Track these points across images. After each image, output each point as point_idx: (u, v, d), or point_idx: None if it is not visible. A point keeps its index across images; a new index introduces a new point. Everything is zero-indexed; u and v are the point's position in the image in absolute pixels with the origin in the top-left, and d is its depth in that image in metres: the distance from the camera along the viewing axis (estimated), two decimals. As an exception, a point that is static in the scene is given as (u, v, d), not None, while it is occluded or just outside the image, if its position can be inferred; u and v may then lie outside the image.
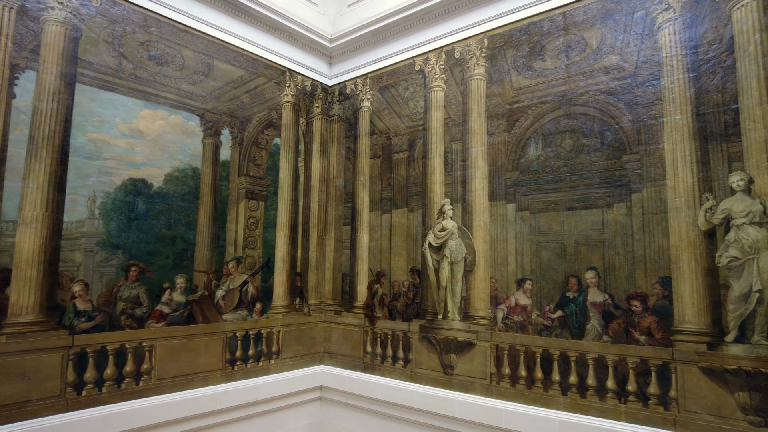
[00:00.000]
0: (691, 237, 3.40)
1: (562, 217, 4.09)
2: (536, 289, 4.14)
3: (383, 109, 5.54)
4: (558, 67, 4.20)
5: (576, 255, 3.97)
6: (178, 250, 4.44)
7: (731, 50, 3.35)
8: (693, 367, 3.29)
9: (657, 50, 3.66)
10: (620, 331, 3.65)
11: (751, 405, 3.06)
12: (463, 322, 4.50)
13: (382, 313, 5.20)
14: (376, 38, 5.47)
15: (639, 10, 3.76)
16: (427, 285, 4.83)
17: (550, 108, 4.23)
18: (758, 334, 3.09)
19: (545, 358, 3.98)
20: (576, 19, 4.08)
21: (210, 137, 4.80)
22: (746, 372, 3.08)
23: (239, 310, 4.88)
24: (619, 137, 3.85)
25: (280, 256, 5.36)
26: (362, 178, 5.62)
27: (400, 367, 4.91)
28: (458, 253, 4.60)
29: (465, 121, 4.73)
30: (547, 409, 3.87)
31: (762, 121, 3.17)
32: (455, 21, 4.81)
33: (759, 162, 3.17)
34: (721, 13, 3.41)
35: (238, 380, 4.72)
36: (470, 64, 4.71)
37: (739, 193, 3.22)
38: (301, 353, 5.41)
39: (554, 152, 4.19)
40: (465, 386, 4.38)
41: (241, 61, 5.08)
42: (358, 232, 5.56)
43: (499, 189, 4.45)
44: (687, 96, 3.51)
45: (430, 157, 4.96)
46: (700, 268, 3.35)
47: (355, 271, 5.53)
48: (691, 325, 3.34)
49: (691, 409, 3.27)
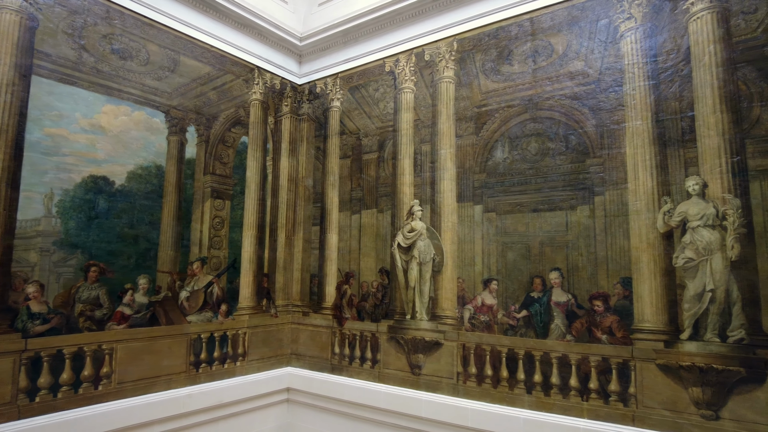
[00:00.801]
0: (651, 239, 3.52)
1: (527, 219, 4.16)
2: (502, 289, 4.19)
3: (353, 109, 5.52)
4: (525, 71, 4.27)
5: (540, 256, 4.04)
6: (140, 249, 4.30)
7: (688, 60, 3.48)
8: (651, 364, 3.41)
9: (620, 58, 3.78)
10: (583, 331, 3.74)
11: (703, 399, 3.19)
12: (431, 322, 4.52)
13: (350, 313, 5.17)
14: (346, 38, 5.44)
15: (603, 18, 3.87)
16: (395, 285, 4.83)
17: (517, 112, 4.30)
18: (710, 331, 3.22)
19: (511, 357, 4.03)
20: (543, 24, 4.17)
21: (175, 134, 4.67)
22: (699, 368, 3.21)
23: (204, 312, 4.76)
24: (583, 141, 3.94)
25: (246, 256, 5.26)
26: (332, 179, 5.58)
27: (368, 368, 4.90)
28: (427, 253, 4.62)
29: (434, 123, 4.76)
30: (512, 408, 3.93)
31: (715, 129, 3.31)
32: (425, 23, 4.84)
33: (712, 167, 3.30)
34: (678, 24, 3.55)
35: (203, 383, 4.61)
36: (440, 66, 4.74)
37: (694, 197, 3.35)
38: (267, 355, 5.32)
39: (520, 155, 4.25)
40: (432, 386, 4.41)
41: (208, 57, 4.97)
42: (327, 233, 5.52)
43: (467, 191, 4.49)
44: (647, 102, 3.63)
45: (400, 158, 4.96)
46: (659, 269, 3.47)
47: (323, 271, 5.48)
48: (650, 324, 3.45)
49: (649, 404, 3.38)
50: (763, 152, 3.20)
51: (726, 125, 3.28)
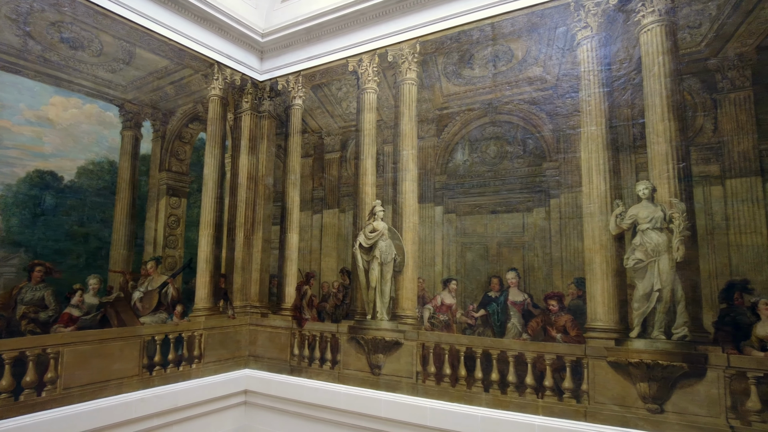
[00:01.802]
0: (603, 241, 3.62)
1: (486, 220, 4.21)
2: (461, 289, 4.22)
3: (316, 107, 5.44)
4: (486, 75, 4.32)
5: (498, 256, 4.10)
6: (91, 248, 4.09)
7: (639, 69, 3.61)
8: (602, 361, 3.51)
9: (576, 65, 3.88)
10: (538, 329, 3.81)
11: (649, 394, 3.32)
12: (392, 322, 4.51)
13: (310, 314, 5.09)
14: (309, 36, 5.36)
15: (561, 26, 3.96)
16: (356, 286, 4.79)
17: (477, 115, 4.34)
18: (657, 329, 3.35)
19: (469, 356, 4.07)
20: (504, 30, 4.23)
21: (129, 129, 4.47)
22: (646, 364, 3.33)
23: (158, 313, 4.58)
24: (540, 145, 4.02)
25: (203, 256, 5.09)
26: (293, 177, 5.48)
27: (328, 369, 4.84)
28: (388, 254, 4.61)
29: (397, 125, 4.75)
30: (470, 406, 3.96)
31: (664, 136, 3.45)
32: (389, 24, 4.82)
33: (660, 173, 3.44)
34: (631, 35, 3.68)
35: (157, 386, 4.44)
36: (402, 68, 4.74)
37: (644, 201, 3.48)
38: (224, 357, 5.17)
39: (480, 158, 4.30)
40: (392, 386, 4.39)
41: (166, 50, 4.78)
42: (287, 233, 5.42)
43: (428, 192, 4.51)
44: (602, 109, 3.74)
45: (363, 158, 4.93)
46: (611, 270, 3.58)
47: (283, 272, 5.38)
48: (602, 323, 3.56)
49: (600, 400, 3.48)
50: (705, 159, 3.35)
51: (673, 133, 3.42)
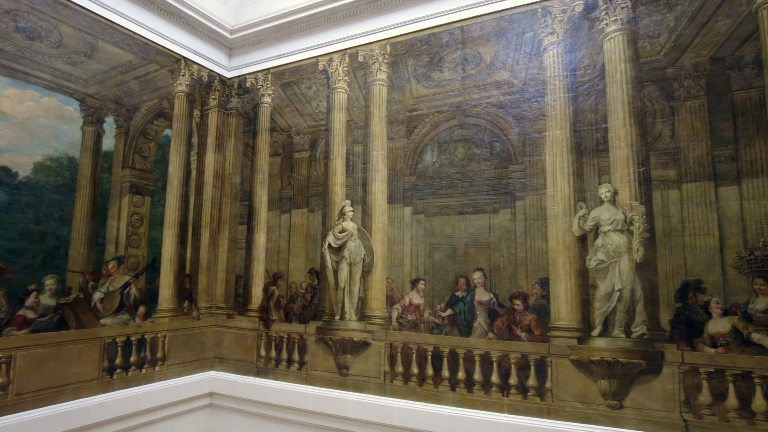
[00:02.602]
0: (567, 242, 3.70)
1: (453, 221, 4.24)
2: (429, 289, 4.24)
3: (285, 106, 5.36)
4: (455, 78, 4.35)
5: (465, 257, 4.14)
6: (48, 248, 3.91)
7: (603, 76, 3.71)
8: (565, 360, 3.58)
9: (543, 69, 3.95)
10: (504, 329, 3.86)
11: (609, 391, 3.40)
12: (360, 322, 4.48)
13: (277, 315, 5.01)
14: (279, 33, 5.27)
15: (528, 31, 4.03)
16: (325, 286, 4.74)
17: (446, 117, 4.37)
18: (618, 328, 3.44)
19: (436, 355, 4.08)
20: (473, 34, 4.26)
21: (91, 124, 4.30)
22: (607, 362, 3.42)
23: (120, 314, 4.42)
24: (506, 148, 4.08)
25: (167, 256, 4.94)
26: (261, 176, 5.38)
27: (295, 370, 4.77)
28: (357, 254, 4.58)
29: (367, 125, 4.72)
30: (437, 405, 3.97)
31: (625, 141, 3.55)
32: (359, 25, 4.80)
33: (622, 176, 3.54)
34: (595, 42, 3.77)
35: (118, 390, 4.29)
36: (373, 68, 4.72)
37: (606, 203, 3.57)
38: (189, 359, 5.03)
39: (448, 160, 4.33)
40: (360, 386, 4.36)
41: (130, 44, 4.61)
42: (254, 232, 5.31)
43: (398, 192, 4.51)
44: (566, 113, 3.82)
45: (332, 158, 4.88)
46: (574, 270, 3.66)
47: (250, 272, 5.27)
48: (565, 322, 3.63)
49: (563, 398, 3.55)
50: (663, 164, 3.48)
51: (634, 138, 3.53)
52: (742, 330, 3.09)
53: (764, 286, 3.07)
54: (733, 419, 3.06)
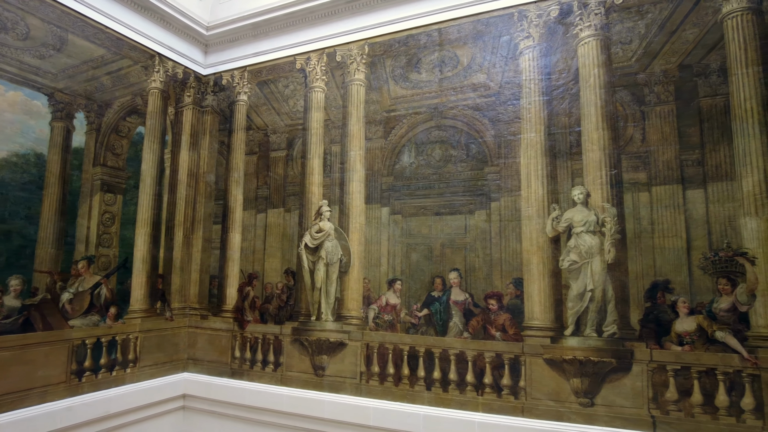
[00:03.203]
0: (540, 242, 3.74)
1: (430, 222, 4.24)
2: (405, 289, 4.23)
3: (261, 104, 5.27)
4: (432, 80, 4.35)
5: (441, 257, 4.14)
6: (13, 247, 3.75)
7: (577, 80, 3.77)
8: (539, 359, 3.61)
9: (518, 73, 3.98)
10: (479, 328, 3.88)
11: (581, 389, 3.45)
12: (336, 322, 4.44)
13: (252, 316, 4.92)
14: (256, 31, 5.18)
15: (505, 34, 4.06)
16: (301, 287, 4.68)
17: (424, 119, 4.37)
18: (590, 327, 3.49)
19: (412, 355, 4.08)
20: (450, 36, 4.27)
21: (60, 120, 4.14)
22: (579, 361, 3.46)
23: (90, 315, 4.28)
24: (482, 150, 4.10)
25: (139, 255, 4.79)
26: (236, 175, 5.28)
27: (271, 371, 4.70)
28: (334, 254, 4.53)
29: (344, 125, 4.69)
30: (412, 405, 3.97)
31: (598, 144, 3.61)
32: (338, 24, 4.75)
33: (594, 179, 3.60)
34: (569, 47, 3.82)
35: (87, 393, 4.14)
36: (351, 68, 4.68)
37: (579, 205, 3.63)
38: (162, 360, 4.90)
39: (425, 161, 4.33)
40: (335, 387, 4.32)
41: (102, 38, 4.46)
42: (229, 232, 5.21)
43: (375, 193, 4.48)
44: (541, 116, 3.86)
45: (309, 157, 4.83)
46: (547, 271, 3.70)
47: (224, 272, 5.16)
48: (539, 322, 3.67)
49: (536, 396, 3.59)
50: (634, 167, 3.55)
51: (606, 141, 3.59)
52: (707, 328, 3.18)
53: (727, 286, 3.16)
54: (697, 414, 3.14)
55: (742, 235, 3.15)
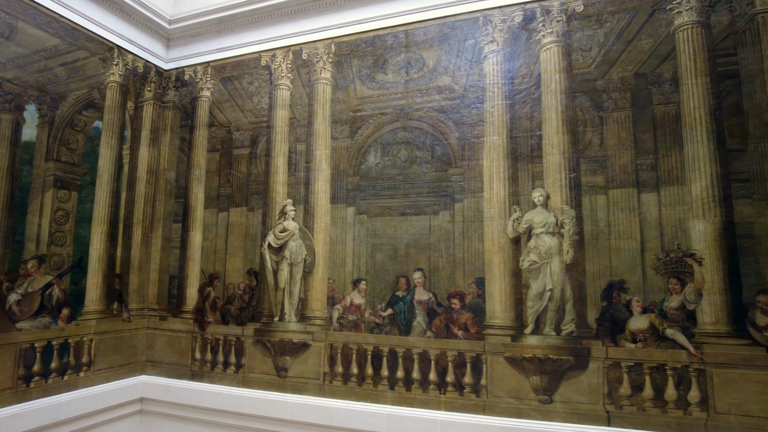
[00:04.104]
0: (502, 243, 3.76)
1: (395, 222, 4.21)
2: (370, 289, 4.18)
3: (225, 101, 5.10)
4: (398, 81, 4.32)
5: (406, 257, 4.12)
6: (-45, 245, 3.48)
7: (538, 85, 3.81)
8: (500, 357, 3.64)
9: (483, 77, 4.00)
10: (442, 327, 3.87)
11: (541, 386, 3.49)
12: (300, 323, 4.35)
13: (213, 317, 4.76)
14: (221, 26, 5.02)
15: (470, 38, 4.07)
16: (264, 287, 4.56)
17: (390, 120, 4.34)
18: (548, 326, 3.54)
19: (376, 354, 4.03)
20: (417, 38, 4.25)
21: (9, 112, 3.88)
22: (539, 359, 3.50)
23: (40, 317, 4.03)
24: (447, 152, 4.11)
25: (95, 255, 4.55)
26: (197, 173, 5.10)
27: (232, 373, 4.56)
28: (298, 254, 4.44)
29: (310, 123, 4.59)
30: (376, 404, 3.92)
31: (558, 148, 3.66)
32: (304, 22, 4.66)
33: (554, 182, 3.65)
34: (532, 53, 3.87)
35: (35, 399, 3.89)
36: (317, 67, 4.59)
37: (539, 207, 3.67)
38: (118, 363, 4.68)
39: (391, 161, 4.30)
40: (298, 388, 4.23)
41: (56, 28, 4.21)
42: (190, 231, 5.02)
43: (341, 192, 4.42)
44: (504, 120, 3.89)
45: (274, 155, 4.70)
46: (508, 270, 3.73)
47: (185, 272, 4.97)
48: (500, 321, 3.69)
49: (497, 394, 3.61)
50: (592, 171, 3.62)
51: (566, 145, 3.65)
52: (658, 326, 3.27)
53: (677, 285, 3.27)
54: (648, 408, 3.23)
55: (691, 237, 3.27)
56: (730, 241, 3.17)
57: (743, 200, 3.19)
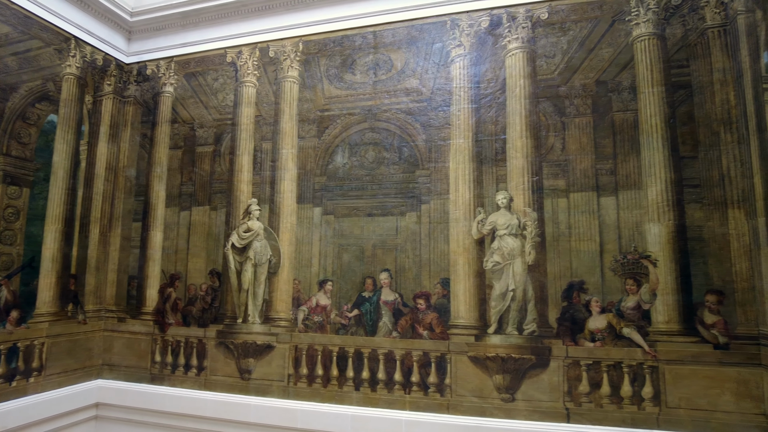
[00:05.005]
0: (466, 244, 3.77)
1: (362, 223, 4.17)
2: (336, 290, 4.12)
3: (189, 97, 4.91)
4: (366, 82, 4.27)
5: (373, 257, 4.08)
6: None
7: (503, 90, 3.85)
8: (464, 356, 3.64)
9: (449, 80, 4.00)
10: (407, 327, 3.85)
11: (503, 385, 3.52)
12: (264, 325, 4.23)
13: (174, 319, 4.58)
14: (185, 21, 4.83)
15: (438, 41, 4.06)
16: (227, 288, 4.41)
17: (357, 120, 4.28)
18: (511, 325, 3.56)
19: (341, 355, 3.98)
20: (385, 39, 4.21)
21: (-48, 103, 3.61)
22: (501, 358, 3.52)
23: (-14, 320, 3.76)
24: (414, 154, 4.09)
25: (48, 254, 4.29)
26: (159, 170, 4.89)
27: (194, 376, 4.40)
28: (263, 254, 4.32)
29: (277, 122, 4.48)
30: (341, 406, 3.86)
31: (521, 151, 3.70)
32: (272, 19, 4.54)
33: (517, 184, 3.68)
34: (498, 58, 3.89)
35: (-21, 407, 3.63)
36: (284, 65, 4.48)
37: (502, 209, 3.70)
38: (72, 368, 4.43)
39: (359, 162, 4.24)
40: (262, 390, 4.12)
41: (7, 15, 3.95)
42: (150, 230, 4.81)
43: (307, 192, 4.33)
44: (470, 123, 3.90)
45: (239, 154, 4.56)
46: (472, 271, 3.74)
47: (145, 273, 4.76)
48: (464, 320, 3.69)
49: (461, 393, 3.61)
50: (554, 174, 3.68)
51: (529, 149, 3.69)
52: (616, 325, 3.34)
53: (633, 286, 3.35)
54: (605, 405, 3.29)
55: (647, 240, 3.36)
56: (682, 243, 3.28)
57: (694, 205, 3.30)
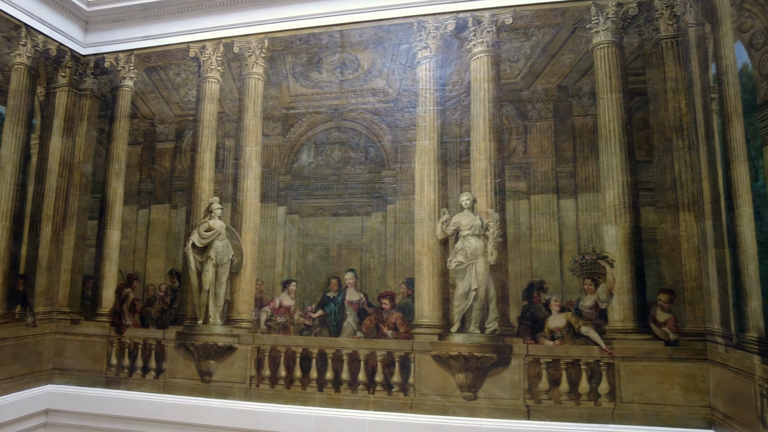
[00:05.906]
0: (431, 244, 3.76)
1: (328, 222, 4.10)
2: (300, 290, 4.04)
3: (149, 91, 4.70)
4: (333, 81, 4.20)
5: (338, 258, 4.02)
6: None
7: (468, 93, 3.86)
8: (427, 355, 3.62)
9: (416, 82, 3.98)
10: (372, 327, 3.81)
11: (465, 383, 3.52)
12: (225, 326, 4.10)
13: (132, 320, 4.36)
14: (146, 13, 4.61)
15: (404, 43, 4.03)
16: (187, 289, 4.25)
17: (324, 119, 4.21)
18: (474, 324, 3.57)
19: (305, 356, 3.90)
20: (352, 39, 4.15)
21: None
22: (464, 356, 3.53)
23: (-76, 323, 3.47)
24: (380, 154, 4.05)
25: (-6, 253, 4.02)
26: (117, 167, 4.65)
27: (152, 378, 4.20)
28: (225, 254, 4.17)
29: (240, 119, 4.34)
30: (304, 407, 3.79)
31: (484, 154, 3.72)
32: (236, 15, 4.40)
33: (480, 186, 3.70)
34: (463, 61, 3.90)
35: None
36: (249, 61, 4.35)
37: (466, 210, 3.71)
38: (19, 373, 4.16)
39: (325, 161, 4.17)
40: (224, 392, 3.99)
41: (-53, -1, 3.66)
42: (107, 228, 4.57)
43: (271, 191, 4.22)
44: (435, 125, 3.89)
45: (200, 151, 4.40)
46: (436, 271, 3.73)
47: (101, 273, 4.52)
48: (428, 320, 3.68)
49: (424, 392, 3.59)
50: (516, 177, 3.72)
51: (492, 152, 3.72)
52: (574, 324, 3.40)
53: (591, 285, 3.42)
54: (564, 401, 3.35)
55: (604, 241, 3.43)
56: (637, 244, 3.38)
57: (648, 207, 3.40)
